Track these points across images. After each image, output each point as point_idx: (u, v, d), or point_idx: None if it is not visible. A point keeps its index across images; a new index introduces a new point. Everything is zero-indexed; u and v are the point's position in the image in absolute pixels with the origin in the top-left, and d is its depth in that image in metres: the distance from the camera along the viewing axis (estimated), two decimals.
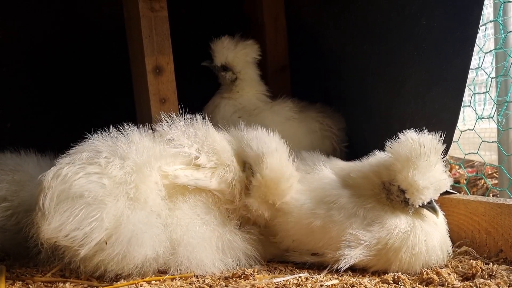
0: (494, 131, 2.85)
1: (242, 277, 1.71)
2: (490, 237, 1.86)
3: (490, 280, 1.57)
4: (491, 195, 2.61)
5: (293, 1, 2.99)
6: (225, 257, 1.81)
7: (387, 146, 1.82)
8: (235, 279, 1.70)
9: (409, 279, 1.65)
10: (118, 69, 2.75)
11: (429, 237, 1.74)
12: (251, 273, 1.72)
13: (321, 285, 1.61)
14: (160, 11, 2.31)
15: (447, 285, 1.56)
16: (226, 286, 1.64)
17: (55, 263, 1.81)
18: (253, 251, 1.88)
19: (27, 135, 2.89)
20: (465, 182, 2.93)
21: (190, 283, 1.68)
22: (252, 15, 3.10)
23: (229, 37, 2.64)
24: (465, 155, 2.59)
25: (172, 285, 1.67)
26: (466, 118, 3.32)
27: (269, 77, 2.95)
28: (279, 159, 1.87)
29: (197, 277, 1.74)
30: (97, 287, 1.69)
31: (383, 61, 2.35)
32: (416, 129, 1.80)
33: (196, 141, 1.91)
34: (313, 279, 1.69)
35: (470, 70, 1.95)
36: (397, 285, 1.60)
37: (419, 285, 1.59)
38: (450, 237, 1.87)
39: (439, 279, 1.59)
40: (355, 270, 1.78)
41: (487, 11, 2.88)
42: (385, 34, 2.31)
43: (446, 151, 1.85)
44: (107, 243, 1.64)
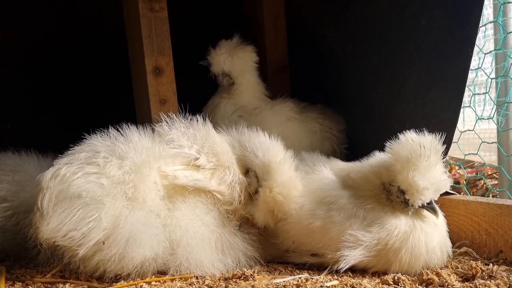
0: (494, 131, 2.85)
1: (242, 278, 1.70)
2: (490, 237, 1.86)
3: (490, 281, 1.57)
4: (491, 195, 2.62)
5: (293, 1, 2.99)
6: (225, 257, 1.81)
7: (387, 146, 1.82)
8: (235, 280, 1.70)
9: (409, 280, 1.65)
10: (118, 69, 2.75)
11: (429, 238, 1.74)
12: (251, 274, 1.71)
13: (321, 286, 1.61)
14: (160, 11, 2.31)
15: (447, 286, 1.56)
16: (226, 287, 1.64)
17: (55, 263, 1.80)
18: (253, 252, 1.87)
19: (27, 135, 2.89)
20: (465, 182, 2.93)
21: (190, 284, 1.68)
22: (252, 15, 3.10)
23: (227, 40, 2.63)
24: (465, 155, 2.59)
25: (172, 286, 1.67)
26: (466, 118, 3.32)
27: (269, 77, 2.95)
28: (288, 174, 1.88)
29: (197, 278, 1.74)
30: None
31: (383, 61, 2.35)
32: (416, 129, 1.80)
33: (196, 142, 1.90)
34: (313, 280, 1.69)
35: (470, 70, 1.95)
36: (397, 286, 1.60)
37: (419, 286, 1.59)
38: (450, 237, 1.87)
39: (439, 280, 1.59)
40: (355, 270, 1.78)
41: (487, 12, 2.87)
42: (385, 34, 2.31)
43: (446, 152, 1.85)
44: (104, 243, 1.64)
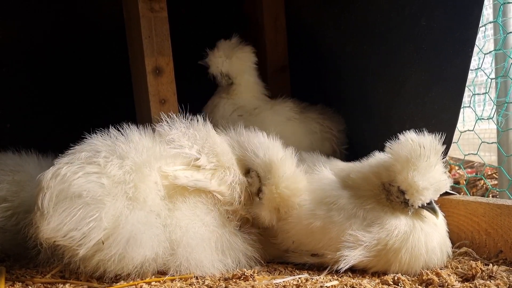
0: (493, 132, 2.85)
1: (242, 278, 1.70)
2: (489, 238, 1.86)
3: (489, 281, 1.58)
4: (490, 196, 2.62)
5: (293, 1, 2.99)
6: (225, 258, 1.81)
7: (387, 147, 1.82)
8: (235, 280, 1.70)
9: (409, 280, 1.65)
10: (118, 69, 2.75)
11: (429, 238, 1.74)
12: (251, 274, 1.71)
13: (321, 286, 1.62)
14: (159, 11, 2.31)
15: (447, 286, 1.56)
16: (226, 287, 1.64)
17: (54, 264, 1.80)
18: (253, 252, 1.87)
19: (27, 135, 2.89)
20: (464, 183, 2.93)
21: (189, 284, 1.68)
22: (252, 15, 3.10)
23: (225, 41, 2.62)
24: (465, 156, 2.59)
25: (172, 286, 1.67)
26: (465, 119, 3.33)
27: (269, 77, 2.95)
28: (290, 169, 1.88)
29: (197, 278, 1.74)
30: None
31: (383, 62, 2.35)
32: (415, 129, 1.80)
33: (196, 142, 1.90)
34: (313, 280, 1.69)
35: (469, 71, 1.95)
36: (397, 286, 1.60)
37: (419, 286, 1.59)
38: (449, 238, 1.87)
39: (439, 280, 1.59)
40: (355, 271, 1.78)
41: (487, 12, 2.88)
42: (385, 34, 2.31)
43: (445, 152, 1.85)
44: (104, 243, 1.63)
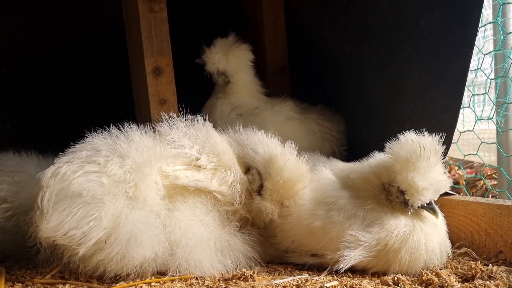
0: (493, 132, 2.86)
1: (241, 278, 1.70)
2: (489, 238, 1.86)
3: (489, 281, 1.58)
4: (490, 196, 2.62)
5: (292, 2, 2.99)
6: (224, 258, 1.81)
7: (387, 147, 1.82)
8: (234, 280, 1.70)
9: (408, 280, 1.65)
10: (118, 70, 2.75)
11: (428, 238, 1.74)
12: (251, 275, 1.71)
13: (321, 287, 1.61)
14: (159, 12, 2.31)
15: (447, 286, 1.56)
16: (225, 287, 1.64)
17: (54, 264, 1.80)
18: (253, 253, 1.87)
19: (27, 136, 2.89)
20: (464, 183, 2.94)
21: (189, 285, 1.68)
22: (251, 15, 3.10)
23: (222, 39, 2.62)
24: (465, 156, 2.60)
25: (171, 287, 1.67)
26: (465, 119, 3.33)
27: (269, 77, 2.95)
28: (292, 158, 1.89)
29: (196, 279, 1.74)
30: None
31: (382, 62, 2.35)
32: (415, 130, 1.80)
33: (197, 142, 1.90)
34: (313, 281, 1.69)
35: (469, 71, 1.95)
36: (396, 287, 1.61)
37: (419, 287, 1.60)
38: (449, 238, 1.87)
39: (439, 280, 1.59)
40: (355, 271, 1.78)
41: (486, 13, 2.88)
42: (385, 34, 2.31)
43: (445, 152, 1.85)
44: (106, 242, 1.63)
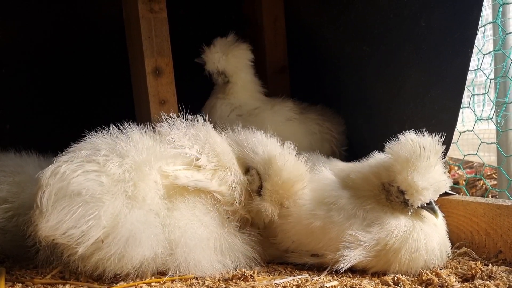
0: (493, 132, 2.86)
1: (241, 278, 1.70)
2: (489, 238, 1.86)
3: (489, 281, 1.58)
4: (490, 196, 2.62)
5: (292, 2, 2.99)
6: (224, 258, 1.80)
7: (387, 147, 1.82)
8: (234, 280, 1.70)
9: (408, 280, 1.65)
10: (118, 70, 2.75)
11: (428, 238, 1.74)
12: (251, 275, 1.71)
13: (321, 287, 1.61)
14: (159, 12, 2.31)
15: (447, 286, 1.56)
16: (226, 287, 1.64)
17: (54, 263, 1.80)
18: (252, 253, 1.87)
19: (27, 136, 2.89)
20: (464, 183, 2.94)
21: (189, 285, 1.68)
22: (251, 16, 3.10)
23: (221, 38, 2.62)
24: (464, 156, 2.60)
25: (172, 287, 1.67)
26: (465, 119, 3.34)
27: (269, 77, 2.95)
28: (291, 158, 1.89)
29: (196, 279, 1.74)
30: None
31: (382, 62, 2.35)
32: (415, 130, 1.80)
33: (197, 142, 1.90)
34: (313, 281, 1.69)
35: (469, 71, 1.95)
36: (396, 287, 1.61)
37: (419, 287, 1.60)
38: (449, 238, 1.87)
39: (439, 280, 1.59)
40: (355, 271, 1.79)
41: (486, 13, 2.88)
42: (385, 35, 2.31)
43: (445, 152, 1.85)
44: (103, 242, 1.63)
